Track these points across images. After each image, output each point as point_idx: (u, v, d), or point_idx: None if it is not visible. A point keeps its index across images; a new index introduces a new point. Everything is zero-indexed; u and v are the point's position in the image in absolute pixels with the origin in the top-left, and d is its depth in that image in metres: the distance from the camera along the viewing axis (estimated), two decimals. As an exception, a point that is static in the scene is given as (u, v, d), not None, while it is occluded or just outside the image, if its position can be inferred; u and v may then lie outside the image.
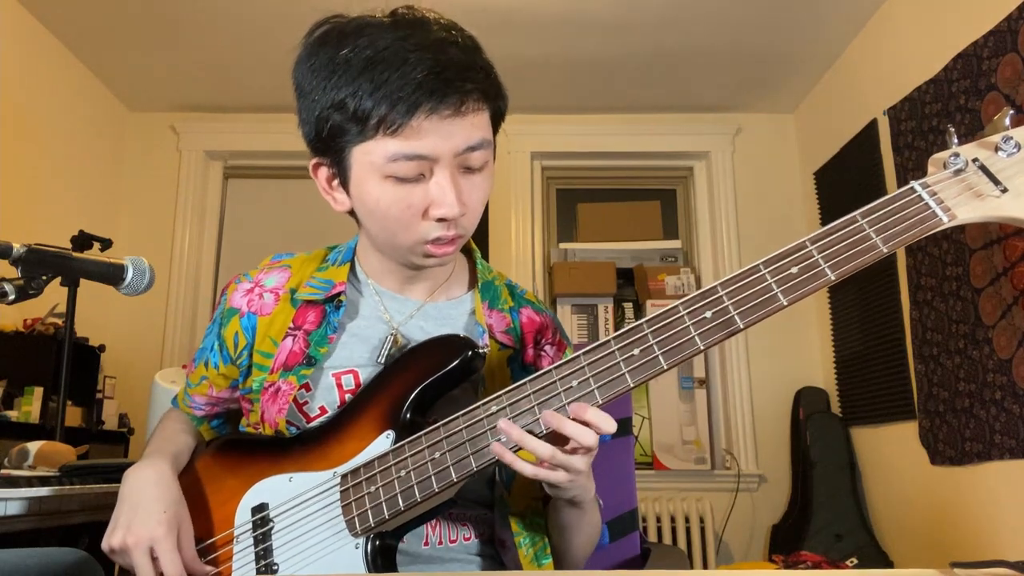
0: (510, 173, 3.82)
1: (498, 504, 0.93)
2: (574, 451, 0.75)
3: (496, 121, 0.89)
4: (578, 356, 0.75)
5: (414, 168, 0.81)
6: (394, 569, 0.81)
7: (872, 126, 3.03)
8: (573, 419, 0.74)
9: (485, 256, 2.45)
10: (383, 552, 0.80)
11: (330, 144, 0.85)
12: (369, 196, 0.85)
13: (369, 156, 0.82)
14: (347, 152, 0.84)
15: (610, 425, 0.73)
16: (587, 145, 3.89)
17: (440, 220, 0.84)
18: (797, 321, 3.60)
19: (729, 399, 3.60)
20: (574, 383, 0.74)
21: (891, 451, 2.96)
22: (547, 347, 0.99)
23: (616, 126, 3.86)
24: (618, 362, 0.73)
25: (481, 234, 3.68)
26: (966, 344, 2.43)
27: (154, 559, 0.84)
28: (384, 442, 0.83)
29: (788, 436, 3.51)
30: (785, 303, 0.70)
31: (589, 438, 0.74)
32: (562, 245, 3.79)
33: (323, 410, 0.91)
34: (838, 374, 3.38)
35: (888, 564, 2.94)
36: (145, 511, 0.86)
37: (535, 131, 3.86)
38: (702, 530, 3.36)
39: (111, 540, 0.85)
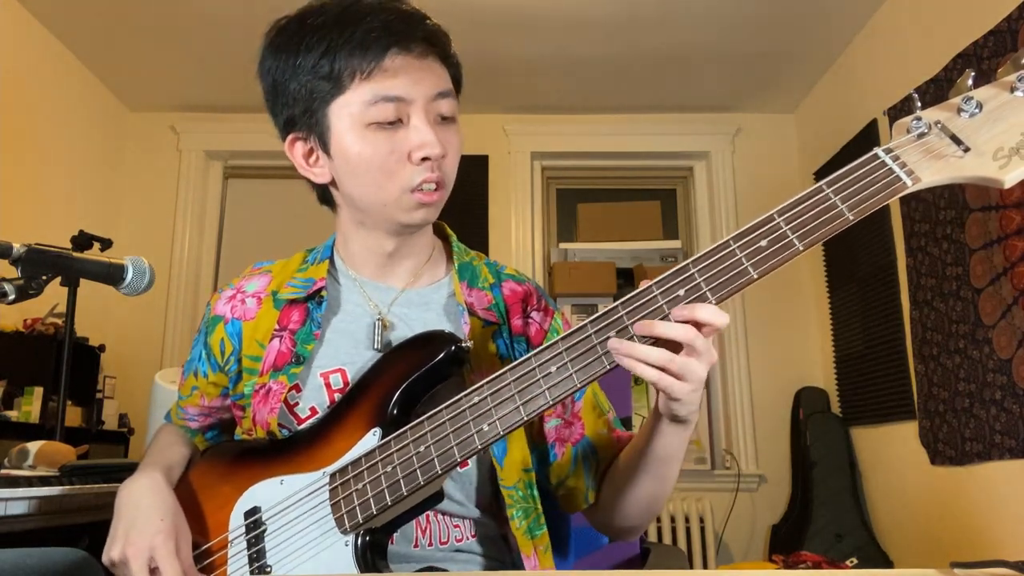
0: (510, 173, 3.82)
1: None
2: (690, 355, 0.72)
3: (456, 87, 0.93)
4: (556, 342, 0.75)
5: (392, 111, 0.85)
6: (386, 564, 0.81)
7: (872, 126, 3.03)
8: (680, 322, 0.71)
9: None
10: (373, 548, 0.80)
11: (307, 111, 0.88)
12: (351, 150, 0.87)
13: (348, 107, 0.86)
14: (324, 113, 0.87)
15: (722, 319, 0.71)
16: (587, 145, 3.89)
17: (424, 161, 0.86)
18: (797, 321, 3.60)
19: (729, 399, 3.60)
20: (553, 369, 0.75)
21: (891, 451, 2.96)
22: (534, 314, 0.99)
23: (616, 126, 3.86)
24: (594, 345, 0.74)
25: (481, 234, 3.68)
26: (966, 344, 2.43)
27: (154, 569, 0.83)
28: (371, 439, 0.83)
29: (788, 436, 3.51)
30: (756, 276, 0.70)
31: (700, 342, 0.71)
32: (562, 245, 3.79)
33: (313, 411, 0.92)
34: (838, 374, 3.38)
35: (888, 564, 2.94)
36: (142, 521, 0.85)
37: (535, 131, 3.87)
38: (702, 530, 3.36)
39: (111, 553, 0.85)
